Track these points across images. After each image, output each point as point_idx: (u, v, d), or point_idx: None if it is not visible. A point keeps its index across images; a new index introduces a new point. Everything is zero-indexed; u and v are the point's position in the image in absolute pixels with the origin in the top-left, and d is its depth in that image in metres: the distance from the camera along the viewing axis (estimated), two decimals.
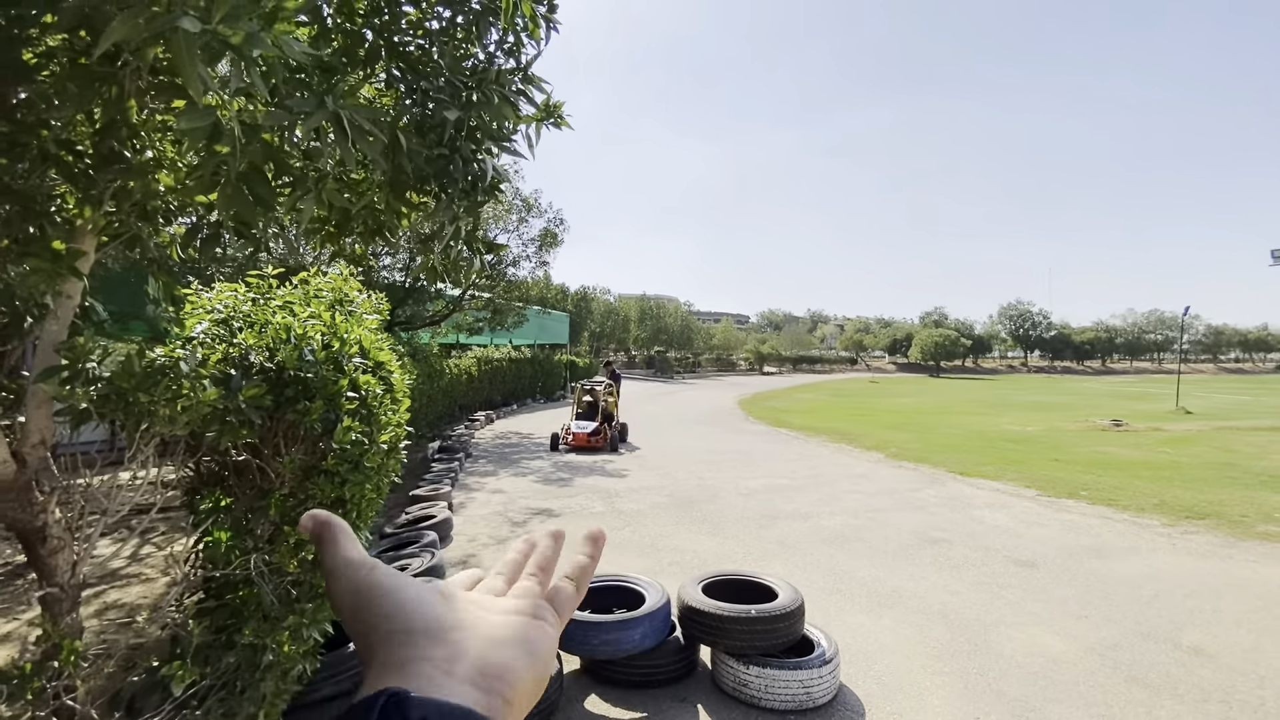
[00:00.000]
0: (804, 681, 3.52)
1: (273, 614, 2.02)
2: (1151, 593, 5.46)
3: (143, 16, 0.93)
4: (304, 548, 2.12)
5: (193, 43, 0.94)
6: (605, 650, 3.67)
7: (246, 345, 2.40)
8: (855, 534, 7.22)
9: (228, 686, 1.92)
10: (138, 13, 0.92)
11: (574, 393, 15.34)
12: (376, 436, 2.34)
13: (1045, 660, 4.22)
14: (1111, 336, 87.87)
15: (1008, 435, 17.44)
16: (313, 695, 3.05)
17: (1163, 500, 9.01)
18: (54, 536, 1.89)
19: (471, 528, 7.41)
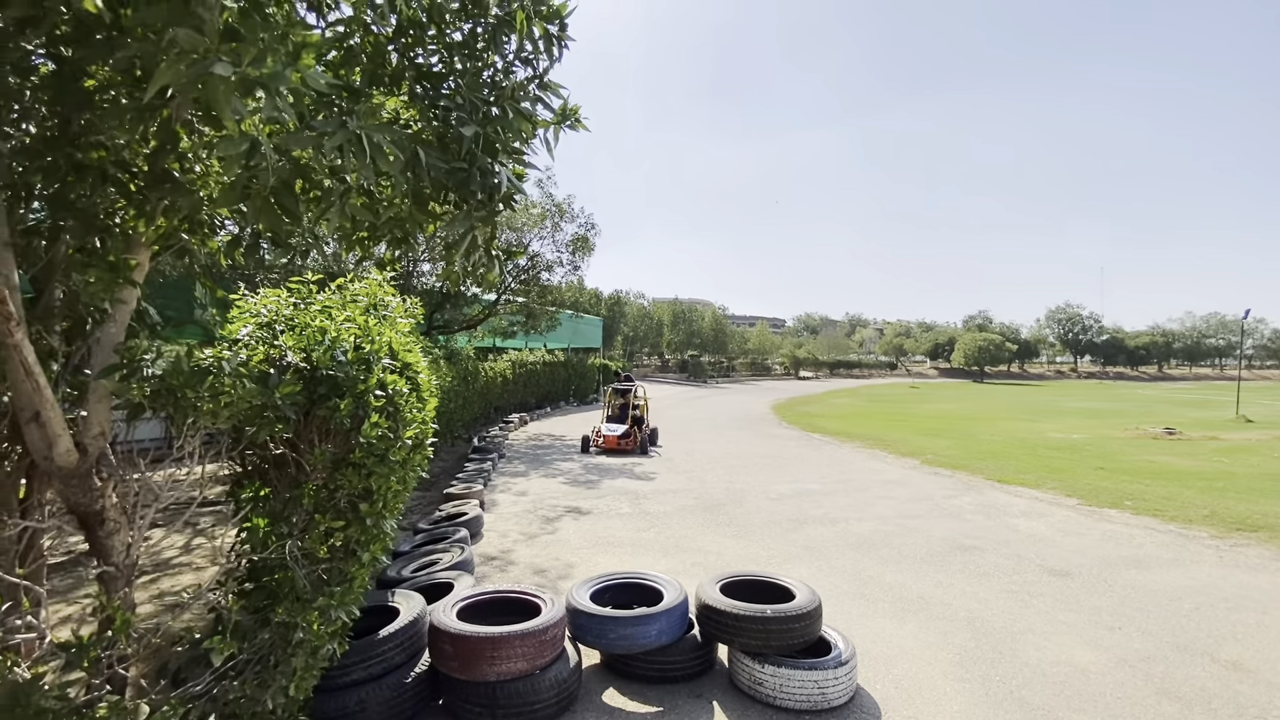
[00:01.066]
0: (819, 682, 3.54)
1: (304, 596, 2.18)
2: (1192, 605, 5.27)
3: (184, 63, 1.07)
4: (333, 535, 2.28)
5: (227, 85, 1.08)
6: (622, 645, 3.77)
7: (286, 346, 2.58)
8: (884, 540, 7.14)
9: (263, 661, 2.08)
10: (180, 59, 1.07)
11: (606, 396, 15.51)
12: (402, 432, 2.48)
13: (1072, 670, 4.13)
14: (1169, 341, 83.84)
15: (1052, 443, 16.89)
16: (343, 679, 3.22)
17: (1213, 511, 8.64)
18: (111, 520, 2.08)
19: (502, 525, 7.60)
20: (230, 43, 1.13)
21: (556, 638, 3.58)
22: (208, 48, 1.09)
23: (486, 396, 17.16)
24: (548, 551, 6.55)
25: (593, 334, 34.12)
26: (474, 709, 3.37)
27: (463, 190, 2.15)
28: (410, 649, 3.51)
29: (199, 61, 1.08)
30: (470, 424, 16.00)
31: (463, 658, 3.34)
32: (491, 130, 2.14)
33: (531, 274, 17.51)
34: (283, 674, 2.07)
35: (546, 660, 3.47)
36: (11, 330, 1.68)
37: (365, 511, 2.34)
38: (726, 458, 13.36)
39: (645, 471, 11.40)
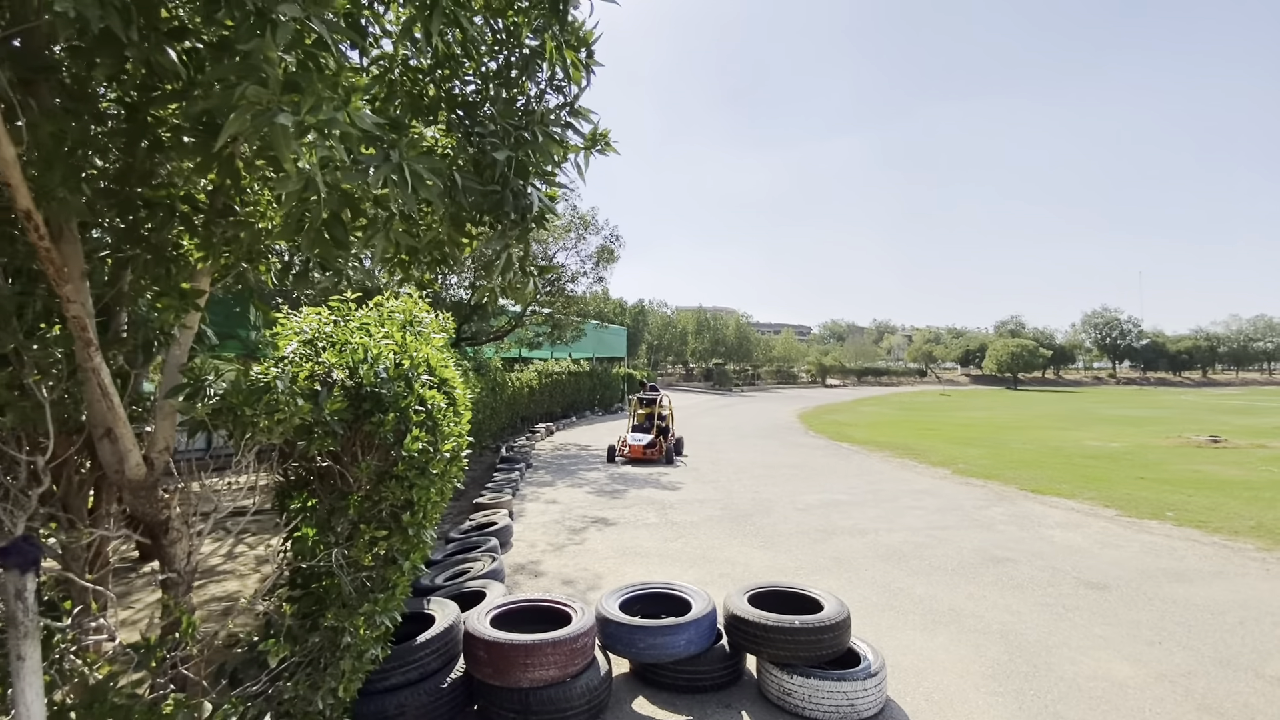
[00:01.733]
0: (848, 693, 3.55)
1: (350, 602, 2.29)
2: (1236, 620, 5.13)
3: (250, 114, 1.19)
4: (377, 544, 2.40)
5: (288, 133, 1.20)
6: (651, 654, 3.82)
7: (329, 364, 2.72)
8: (914, 551, 7.07)
9: (313, 663, 2.19)
10: (246, 110, 1.19)
11: (631, 405, 15.58)
12: (440, 446, 2.60)
13: (1109, 685, 4.06)
14: (1213, 345, 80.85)
15: (1089, 451, 16.47)
16: (382, 683, 3.33)
17: (1260, 523, 8.36)
18: (174, 528, 2.23)
19: (531, 534, 7.71)
20: (291, 94, 1.25)
21: (587, 646, 3.65)
22: (271, 99, 1.21)
23: (514, 407, 17.38)
24: (576, 561, 6.63)
25: (617, 344, 34.30)
26: (508, 714, 3.46)
27: (497, 212, 2.27)
28: (446, 655, 3.62)
29: (264, 112, 1.20)
30: (498, 434, 16.22)
31: (497, 664, 3.43)
32: (523, 154, 2.25)
33: (557, 285, 17.74)
34: (332, 676, 2.18)
35: (578, 668, 3.55)
36: (91, 355, 1.83)
37: (407, 521, 2.45)
38: (753, 467, 13.33)
39: (671, 481, 11.44)
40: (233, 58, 1.30)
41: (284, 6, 1.20)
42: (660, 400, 15.11)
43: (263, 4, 1.19)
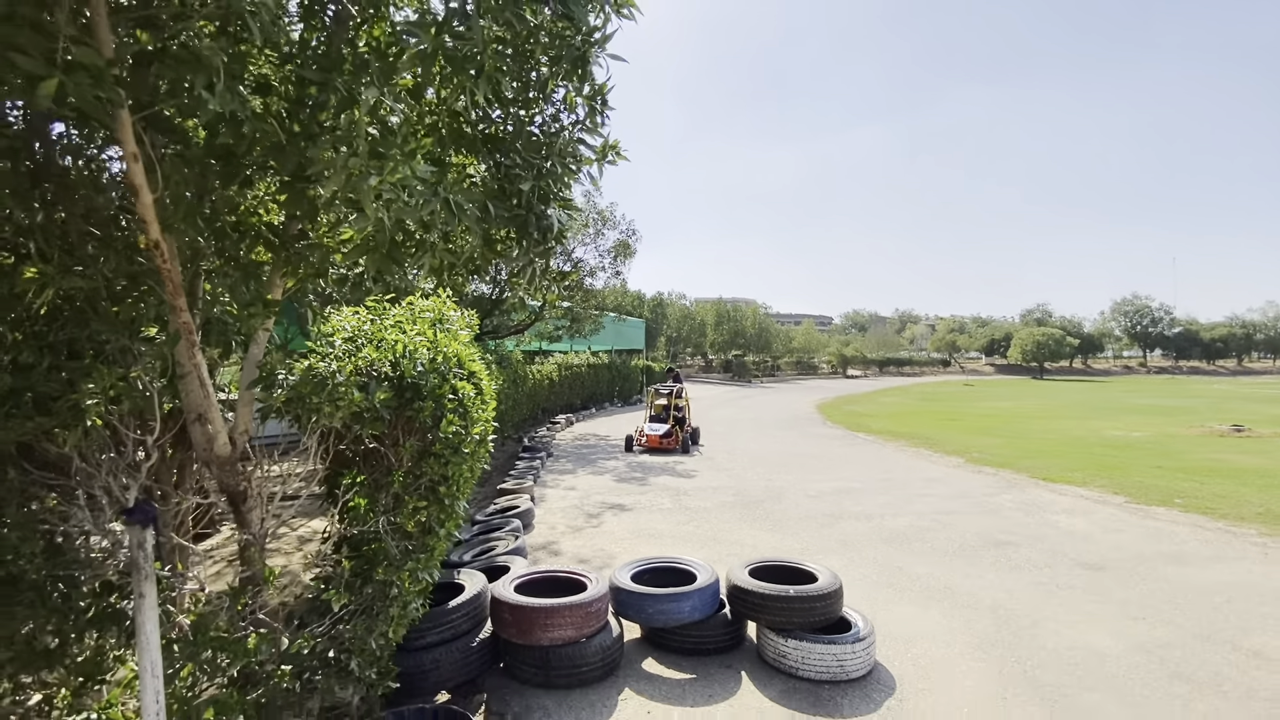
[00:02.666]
0: (837, 656, 3.91)
1: (396, 561, 2.71)
2: (1224, 599, 5.36)
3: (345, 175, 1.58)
4: (419, 513, 2.81)
5: (371, 191, 1.58)
6: (659, 619, 4.22)
7: (372, 359, 3.14)
8: (918, 535, 7.36)
9: (366, 610, 2.62)
10: (340, 173, 1.58)
11: (649, 396, 15.93)
12: (471, 429, 3.00)
13: (1088, 654, 4.36)
14: (1249, 333, 78.55)
15: (1108, 441, 16.46)
16: (419, 642, 3.78)
17: (1267, 509, 8.48)
18: (251, 497, 2.67)
19: (551, 518, 8.16)
20: (374, 160, 1.63)
21: (601, 611, 4.06)
22: (362, 165, 1.60)
23: (534, 398, 17.89)
24: (592, 542, 7.06)
25: (635, 336, 34.68)
26: (530, 669, 3.89)
27: (522, 232, 2.65)
28: (475, 618, 4.05)
29: (356, 176, 1.58)
30: (520, 425, 16.73)
31: (520, 625, 3.86)
32: (544, 184, 2.62)
33: (576, 280, 18.15)
34: (382, 620, 2.61)
35: (592, 630, 3.96)
36: (194, 353, 2.25)
37: (444, 493, 2.86)
38: (768, 456, 13.64)
39: (687, 470, 11.82)
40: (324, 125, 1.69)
41: (367, 92, 1.59)
42: (677, 391, 15.44)
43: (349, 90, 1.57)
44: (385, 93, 1.64)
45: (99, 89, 1.30)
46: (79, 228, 2.25)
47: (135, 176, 1.68)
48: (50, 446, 2.33)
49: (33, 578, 2.43)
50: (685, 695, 3.85)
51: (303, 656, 2.43)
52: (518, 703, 3.75)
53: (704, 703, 3.76)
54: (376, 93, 1.59)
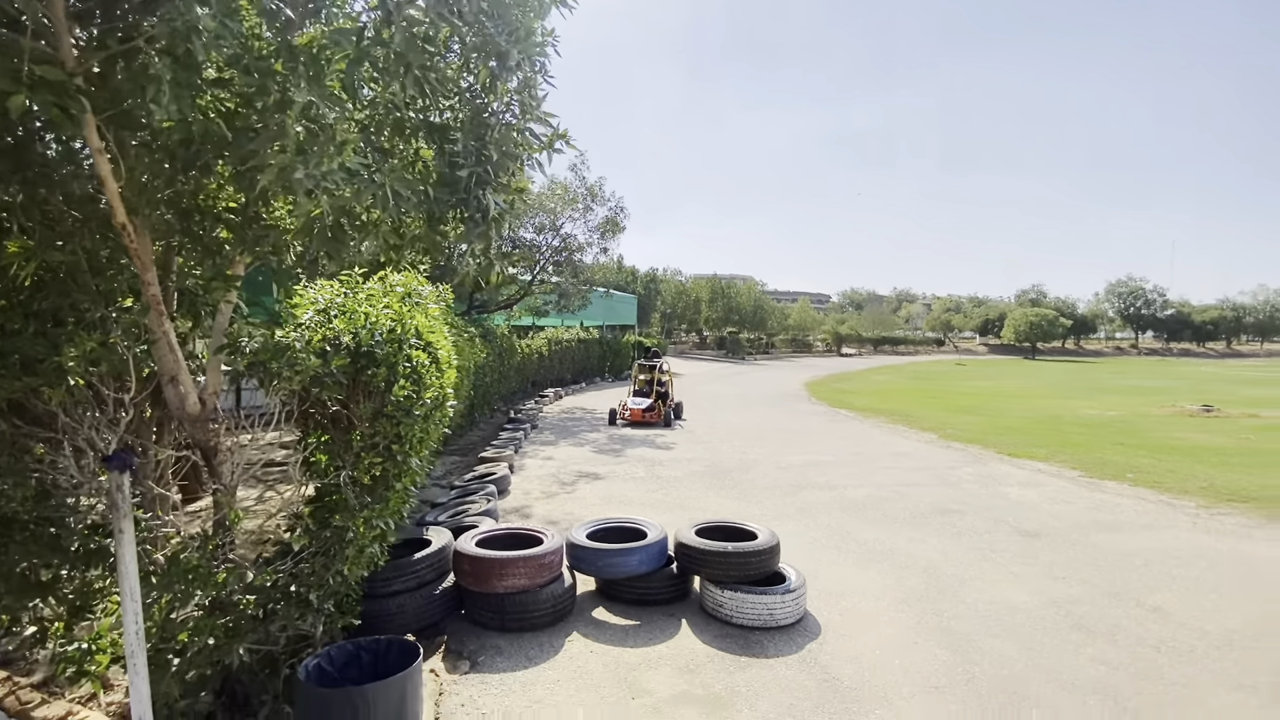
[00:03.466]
0: (768, 605, 4.29)
1: (353, 509, 3.04)
2: (1142, 562, 5.76)
3: (278, 168, 1.85)
4: (374, 467, 3.14)
5: (302, 182, 1.86)
6: (609, 571, 4.60)
7: (339, 329, 3.43)
8: (874, 504, 7.75)
9: (325, 552, 2.96)
10: (275, 168, 1.85)
11: (633, 371, 16.23)
12: (423, 394, 3.31)
13: (1002, 608, 4.75)
14: (1239, 316, 78.99)
15: (1082, 420, 16.90)
16: (385, 589, 4.14)
17: (1212, 484, 8.89)
18: (222, 451, 2.99)
19: (527, 485, 8.54)
20: (302, 155, 1.90)
21: (554, 563, 4.43)
22: (291, 160, 1.87)
23: (523, 372, 18.21)
24: (563, 507, 7.44)
25: (627, 311, 34.90)
26: (487, 614, 4.27)
27: (462, 215, 2.92)
28: (439, 569, 4.42)
29: (287, 169, 1.86)
30: (508, 398, 17.08)
31: (477, 575, 4.23)
32: (483, 170, 2.89)
33: (565, 255, 18.34)
34: (338, 560, 2.95)
35: (544, 580, 4.33)
36: (163, 321, 2.54)
37: (396, 450, 3.17)
38: (747, 431, 14.03)
39: (666, 442, 12.20)
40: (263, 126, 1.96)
41: (297, 93, 1.85)
42: (660, 366, 15.76)
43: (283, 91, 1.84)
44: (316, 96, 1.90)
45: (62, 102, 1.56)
46: (59, 207, 2.53)
47: (101, 168, 1.95)
48: (38, 403, 2.64)
49: (25, 519, 2.76)
50: (627, 638, 4.24)
51: (266, 589, 2.78)
52: (474, 643, 4.13)
53: (643, 644, 4.14)
54: (307, 95, 1.85)
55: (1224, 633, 4.37)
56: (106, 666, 2.79)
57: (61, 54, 1.73)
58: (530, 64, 3.23)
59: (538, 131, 3.54)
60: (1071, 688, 3.66)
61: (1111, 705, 3.49)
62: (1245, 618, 4.61)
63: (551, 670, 3.81)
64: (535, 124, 3.52)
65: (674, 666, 3.86)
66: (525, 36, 2.70)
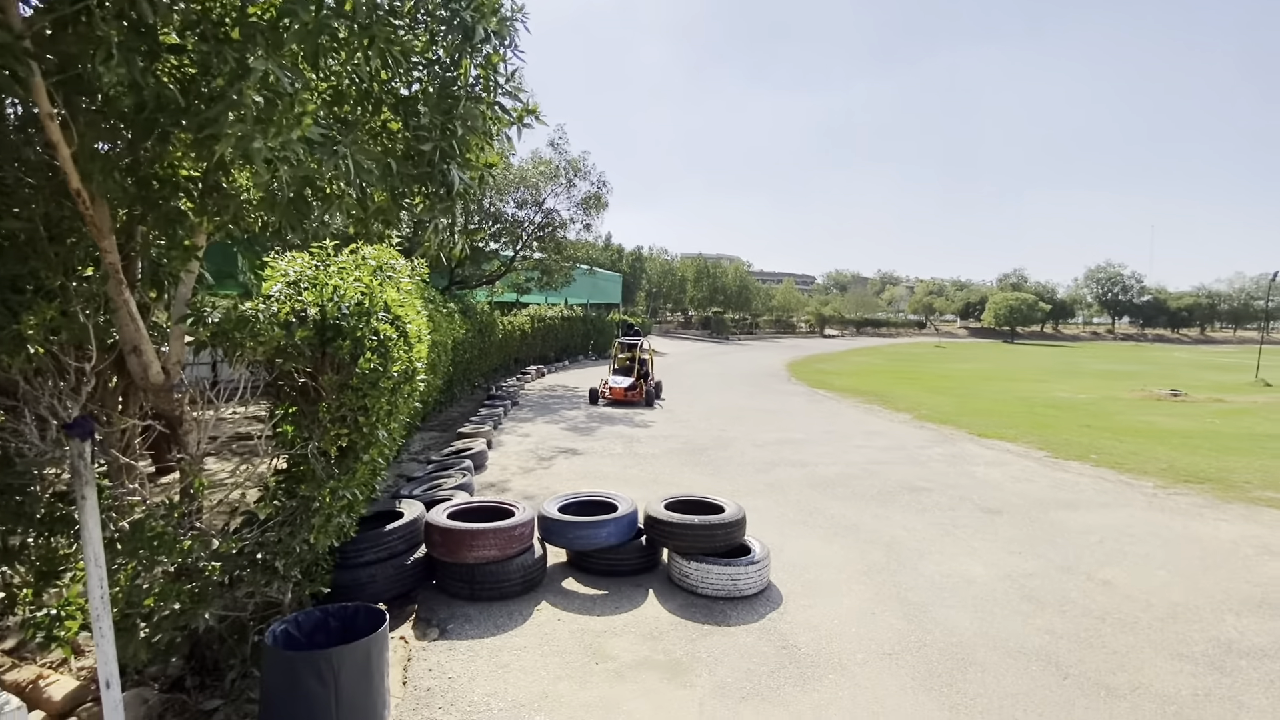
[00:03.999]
0: (732, 575, 4.41)
1: (320, 479, 3.08)
2: (1097, 539, 5.98)
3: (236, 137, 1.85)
4: (341, 438, 3.17)
5: (260, 151, 1.86)
6: (579, 543, 4.70)
7: (307, 302, 3.44)
8: (844, 481, 7.93)
9: (291, 520, 3.00)
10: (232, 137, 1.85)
11: (613, 349, 16.19)
12: (389, 367, 3.33)
13: (958, 580, 4.93)
14: (1213, 303, 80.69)
15: (1053, 402, 17.28)
16: (358, 559, 4.20)
17: (1171, 465, 9.19)
18: (187, 421, 3.00)
19: (504, 460, 8.60)
20: (260, 124, 1.90)
21: (524, 535, 4.51)
22: (248, 130, 1.87)
23: (505, 349, 18.16)
24: (540, 482, 7.53)
25: (612, 290, 34.81)
26: (458, 584, 4.36)
27: (426, 189, 2.93)
28: (410, 540, 4.48)
29: (245, 138, 1.85)
30: (489, 375, 17.06)
31: (448, 545, 4.30)
32: (447, 145, 2.88)
33: (548, 231, 18.20)
34: (304, 529, 3.00)
35: (514, 551, 4.41)
36: (121, 290, 2.54)
37: (363, 423, 3.21)
38: (726, 410, 14.18)
39: (645, 420, 12.30)
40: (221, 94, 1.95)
41: (255, 61, 1.84)
42: (641, 345, 15.81)
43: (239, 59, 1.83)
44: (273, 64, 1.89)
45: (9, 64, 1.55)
46: (13, 174, 2.50)
47: (52, 133, 1.94)
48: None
49: None
50: (595, 607, 4.35)
51: (232, 556, 2.82)
52: (444, 611, 4.22)
53: (610, 613, 4.26)
54: (264, 64, 1.85)
55: (1168, 605, 4.58)
56: (76, 632, 2.84)
57: (9, 16, 1.71)
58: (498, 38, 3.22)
59: (507, 106, 3.54)
60: (1016, 654, 3.84)
61: (1053, 671, 3.67)
62: (1189, 592, 4.83)
63: (519, 637, 3.91)
64: (505, 99, 3.52)
65: (638, 634, 3.98)
66: (492, 12, 2.68)
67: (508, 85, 3.45)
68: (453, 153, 2.85)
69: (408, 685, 3.39)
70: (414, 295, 5.28)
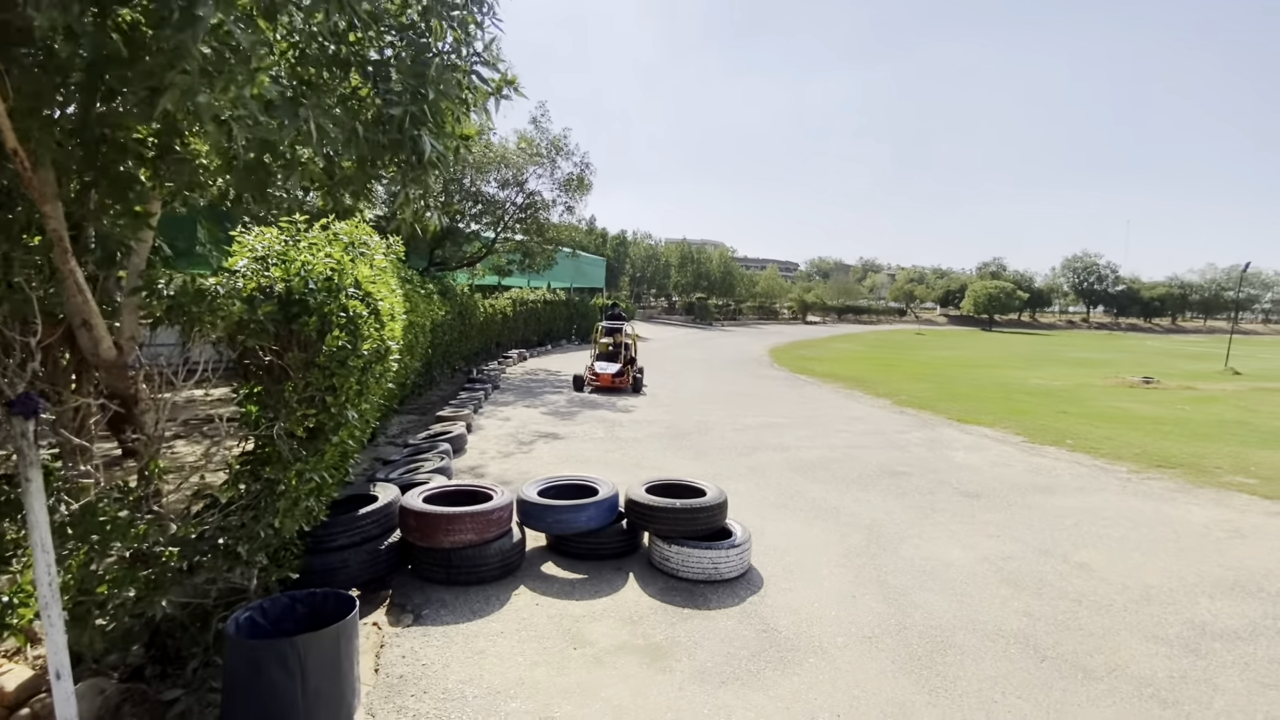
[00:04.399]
0: (713, 559, 4.37)
1: (286, 460, 2.96)
2: (1073, 522, 6.04)
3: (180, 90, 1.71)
4: (307, 419, 3.04)
5: (209, 108, 1.72)
6: (559, 527, 4.62)
7: (275, 277, 3.28)
8: (824, 465, 7.94)
9: (255, 504, 2.88)
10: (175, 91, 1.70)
11: (594, 333, 15.81)
12: (359, 345, 3.20)
13: (938, 564, 4.94)
14: (1185, 293, 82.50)
15: (1029, 388, 17.51)
16: (330, 544, 4.08)
17: (1144, 450, 9.34)
18: (143, 400, 2.85)
19: (484, 444, 8.48)
20: (207, 78, 1.75)
21: (503, 519, 4.42)
22: (193, 83, 1.72)
23: (486, 332, 17.93)
24: (519, 466, 7.43)
25: (595, 274, 34.55)
26: (434, 569, 4.26)
27: (396, 157, 2.78)
28: (385, 525, 4.37)
29: (190, 92, 1.71)
30: (470, 358, 16.84)
31: (423, 530, 4.20)
32: (418, 110, 2.74)
33: (530, 212, 17.91)
34: (269, 513, 2.87)
35: (492, 535, 4.32)
36: (67, 259, 2.37)
37: (330, 403, 3.08)
38: (709, 394, 14.15)
39: (626, 405, 12.23)
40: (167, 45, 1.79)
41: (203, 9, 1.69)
42: (625, 329, 15.62)
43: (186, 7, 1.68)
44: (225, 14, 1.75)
45: None
46: None
47: None
48: None
49: None
50: (574, 591, 4.28)
51: (191, 541, 2.70)
52: (419, 597, 4.12)
53: (589, 597, 4.19)
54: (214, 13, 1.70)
55: (1143, 588, 4.64)
56: (30, 620, 2.70)
57: None
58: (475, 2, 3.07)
59: (486, 76, 3.39)
60: (995, 637, 3.85)
61: (1031, 653, 3.69)
62: (1163, 574, 4.89)
63: (496, 622, 3.84)
64: (483, 68, 3.36)
65: (618, 618, 3.93)
66: None
67: (485, 54, 3.30)
68: (424, 118, 2.71)
69: (380, 672, 3.30)
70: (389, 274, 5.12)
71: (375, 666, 3.35)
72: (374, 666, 3.34)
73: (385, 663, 3.39)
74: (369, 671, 3.29)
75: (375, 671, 3.31)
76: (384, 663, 3.39)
